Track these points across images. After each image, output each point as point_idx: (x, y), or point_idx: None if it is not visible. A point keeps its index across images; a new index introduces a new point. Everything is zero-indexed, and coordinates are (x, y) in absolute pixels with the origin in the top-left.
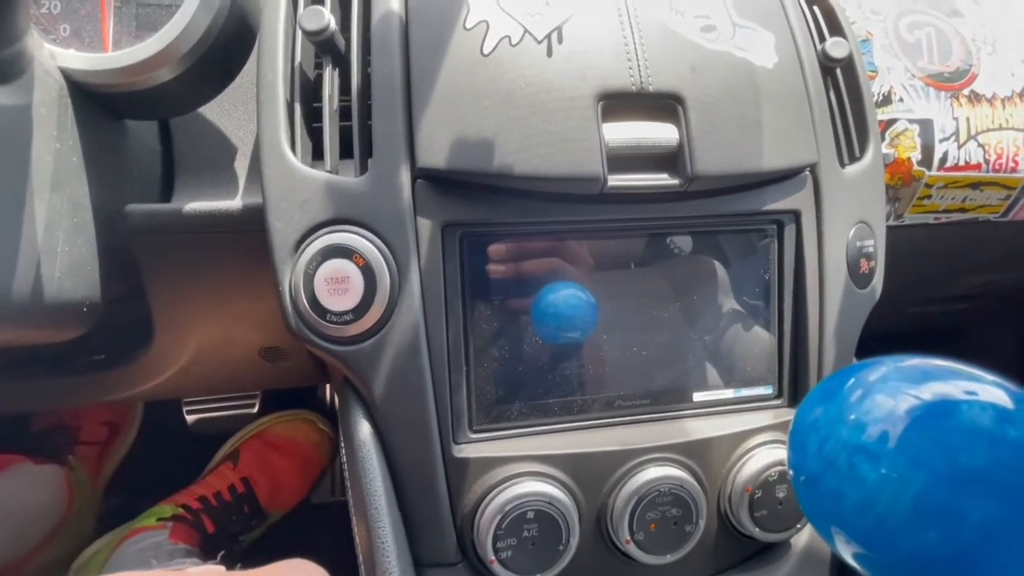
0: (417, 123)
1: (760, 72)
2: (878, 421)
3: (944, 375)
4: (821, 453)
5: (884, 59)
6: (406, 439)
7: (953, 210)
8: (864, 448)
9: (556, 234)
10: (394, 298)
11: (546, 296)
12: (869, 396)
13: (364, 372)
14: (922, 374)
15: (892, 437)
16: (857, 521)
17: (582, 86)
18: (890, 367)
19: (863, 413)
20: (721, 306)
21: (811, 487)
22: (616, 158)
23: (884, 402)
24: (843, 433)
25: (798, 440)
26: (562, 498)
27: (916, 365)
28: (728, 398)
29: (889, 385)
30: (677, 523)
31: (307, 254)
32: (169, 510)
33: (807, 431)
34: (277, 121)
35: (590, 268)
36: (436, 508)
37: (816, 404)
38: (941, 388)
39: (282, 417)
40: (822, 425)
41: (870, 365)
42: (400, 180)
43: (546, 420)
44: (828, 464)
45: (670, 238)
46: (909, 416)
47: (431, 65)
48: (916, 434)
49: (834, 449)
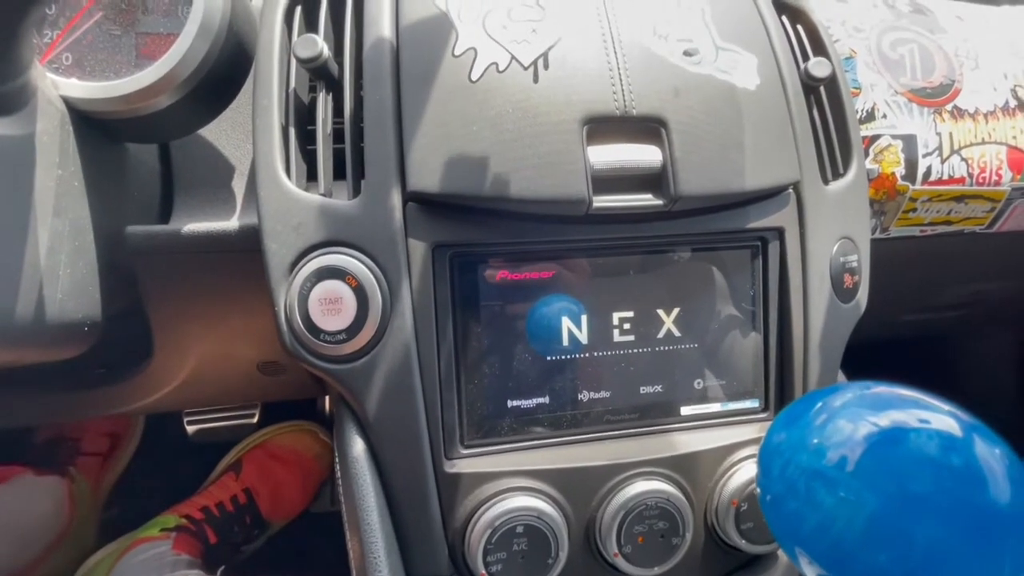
0: (408, 147)
1: (742, 94)
2: (838, 446)
3: (902, 404)
4: (783, 476)
5: (867, 76)
6: (399, 455)
7: (939, 223)
8: (822, 473)
9: (544, 253)
10: (386, 318)
11: (540, 309)
12: (832, 421)
13: (357, 390)
14: (883, 402)
15: (850, 462)
16: (816, 542)
17: (567, 111)
18: (855, 394)
19: (825, 437)
20: (708, 321)
21: (775, 509)
22: (601, 180)
23: (845, 427)
24: (803, 459)
25: (764, 463)
26: (551, 512)
27: (879, 393)
28: (715, 412)
29: (851, 411)
30: (664, 536)
31: (301, 275)
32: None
33: (771, 455)
34: (272, 145)
35: (578, 286)
36: (428, 523)
37: (780, 429)
38: (898, 416)
39: (284, 428)
40: (784, 449)
41: (837, 390)
42: (392, 203)
43: (536, 435)
44: (789, 488)
45: (658, 256)
46: (866, 442)
47: (421, 91)
48: (870, 460)
49: (794, 474)
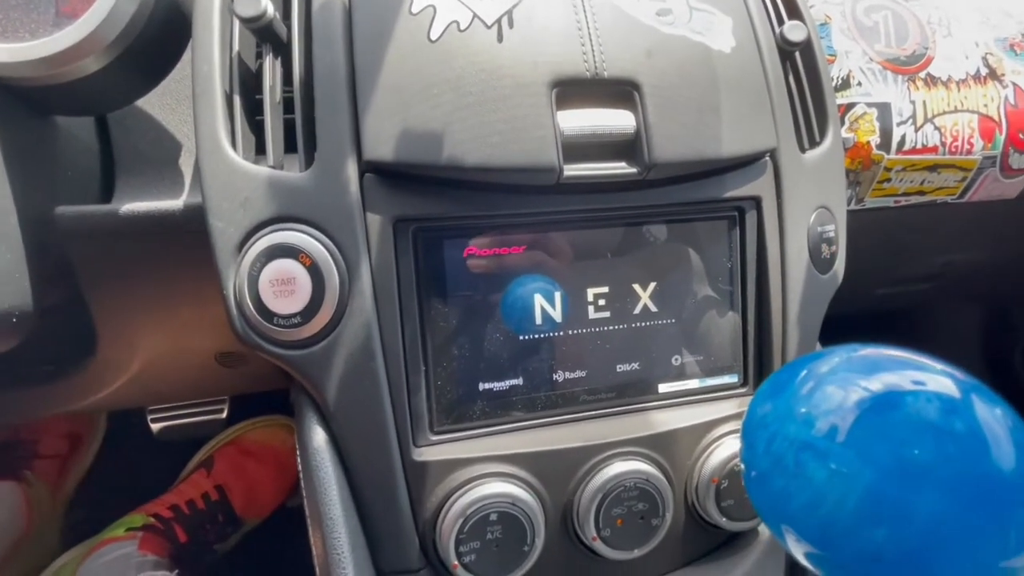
0: (363, 114)
1: (717, 56)
2: (828, 414)
3: (894, 365)
4: (769, 451)
5: (842, 43)
6: (363, 445)
7: (912, 193)
8: (811, 444)
9: (514, 227)
10: (344, 299)
11: (515, 289)
12: (820, 388)
13: (316, 377)
14: (872, 364)
15: (841, 431)
16: (806, 520)
17: (534, 72)
18: (842, 358)
19: (813, 406)
20: (684, 295)
21: (760, 486)
22: (572, 147)
23: (834, 394)
24: (790, 430)
25: (748, 437)
26: (526, 498)
27: (867, 355)
28: (694, 388)
29: (840, 376)
30: (644, 517)
31: (250, 255)
32: (139, 520)
33: (756, 428)
34: (214, 114)
35: (551, 261)
36: (397, 514)
37: (765, 399)
38: (890, 379)
39: (258, 423)
40: (770, 421)
41: (823, 356)
42: (347, 174)
43: (509, 418)
44: (776, 463)
45: (632, 228)
46: (858, 408)
47: (376, 52)
48: (863, 428)
49: (781, 447)
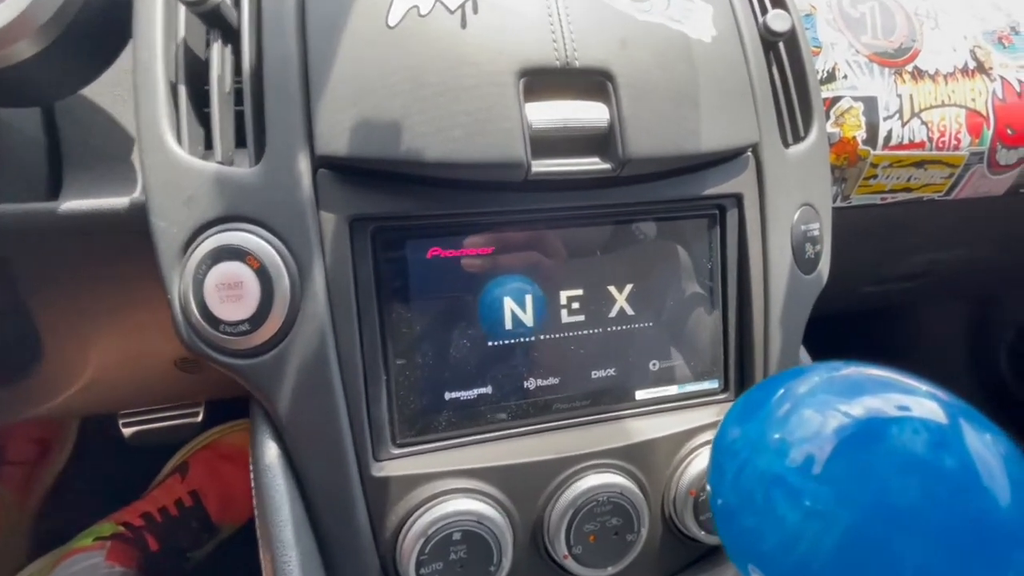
0: (316, 105)
1: (697, 46)
2: (803, 442)
3: (877, 387)
4: (738, 484)
5: (828, 34)
6: (318, 460)
7: (899, 190)
8: (783, 479)
9: (480, 226)
10: (295, 304)
11: (479, 290)
12: (797, 411)
13: (267, 387)
14: (854, 386)
15: (818, 462)
16: (777, 563)
17: (501, 61)
18: (822, 377)
19: (788, 432)
20: (663, 298)
21: (727, 520)
22: (541, 141)
23: (812, 419)
24: (761, 461)
25: (716, 462)
26: (492, 515)
27: (849, 375)
28: (672, 395)
29: (818, 399)
30: (618, 533)
31: (195, 257)
32: (108, 528)
33: (724, 454)
34: (156, 106)
35: (521, 263)
36: (355, 534)
37: (736, 422)
38: (873, 403)
39: (236, 426)
40: (740, 448)
41: (802, 374)
42: (298, 170)
43: (477, 429)
44: (745, 498)
45: (607, 228)
46: (836, 437)
47: (330, 39)
48: (843, 461)
49: (751, 480)
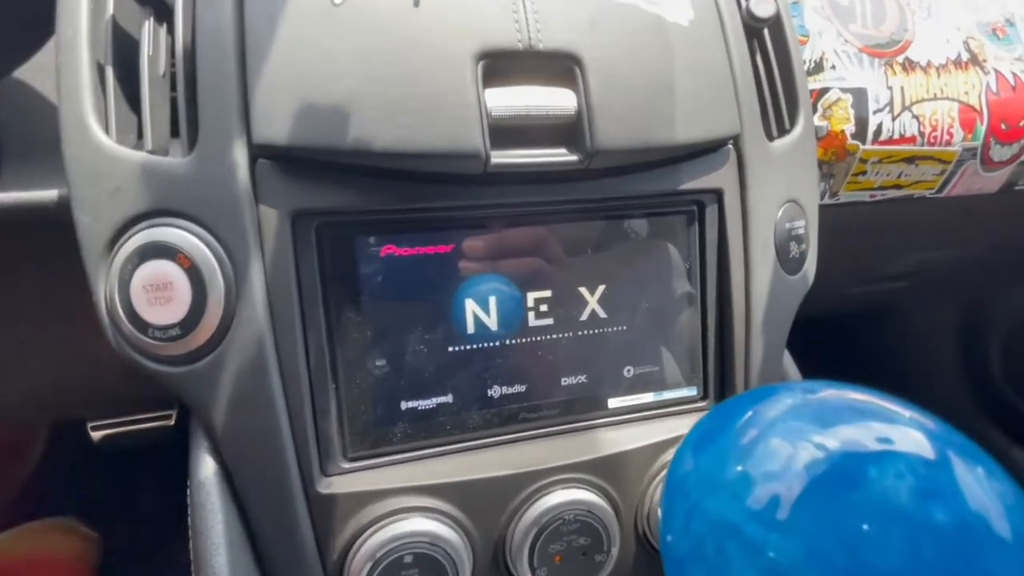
0: (253, 88)
1: (673, 30)
2: (770, 478)
3: (856, 415)
4: (687, 529)
5: (815, 22)
6: (257, 476)
7: (889, 187)
8: (739, 529)
9: (438, 222)
10: (231, 307)
11: (438, 291)
12: (764, 439)
13: (201, 398)
14: (831, 413)
15: (784, 505)
16: None
17: (458, 43)
18: (796, 400)
19: (753, 464)
20: (637, 300)
21: (676, 569)
22: (501, 130)
23: (780, 449)
24: (714, 505)
25: (666, 499)
26: (448, 536)
27: (826, 400)
28: (647, 403)
29: (790, 426)
30: (586, 553)
31: (121, 255)
32: None
33: (674, 492)
34: (80, 89)
35: (484, 262)
36: (299, 557)
37: (690, 451)
38: (850, 434)
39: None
40: (691, 487)
41: (773, 394)
42: (233, 159)
43: (436, 441)
44: (695, 547)
45: (577, 225)
46: (808, 475)
47: (270, 17)
48: (814, 508)
49: (701, 526)
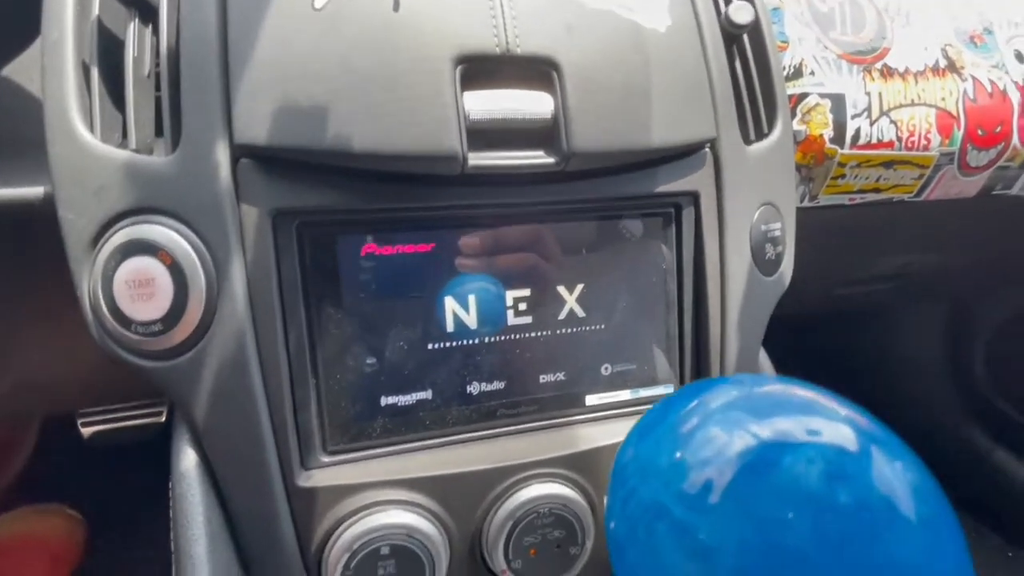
0: (235, 89)
1: (650, 35)
2: (704, 465)
3: (792, 408)
4: (625, 513)
5: (795, 29)
6: (238, 469)
7: (868, 190)
8: (669, 511)
9: (417, 222)
10: (212, 304)
11: (417, 290)
12: (704, 427)
13: (183, 392)
14: (771, 404)
15: (716, 489)
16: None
17: (436, 47)
18: (741, 391)
19: (691, 451)
20: (615, 299)
21: (617, 553)
22: (479, 133)
23: (717, 437)
24: (648, 490)
25: (611, 487)
26: (424, 528)
27: (770, 392)
28: (625, 400)
29: (730, 416)
30: (560, 546)
31: (105, 252)
32: None
33: (616, 477)
34: (65, 88)
35: (464, 261)
36: (278, 548)
37: (633, 441)
38: (784, 425)
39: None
40: (630, 473)
41: (720, 384)
42: (215, 158)
43: (416, 436)
44: (630, 530)
45: (557, 226)
46: (739, 462)
47: (252, 19)
48: (736, 494)
49: (637, 510)
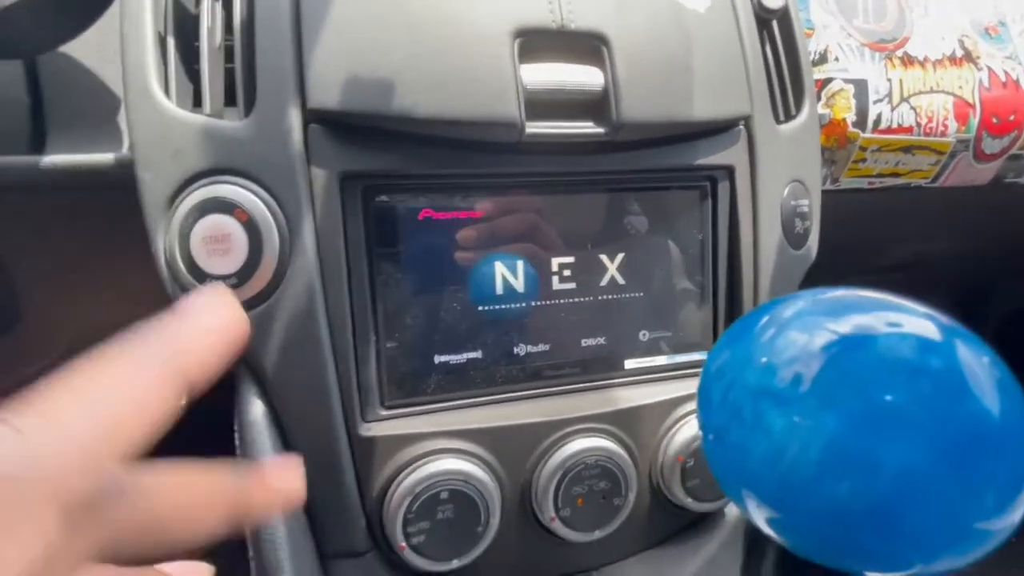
0: (308, 57)
1: (691, 15)
2: (791, 362)
3: (868, 306)
4: (726, 401)
5: (821, 16)
6: (305, 418)
7: (887, 174)
8: (771, 392)
9: (473, 189)
10: (284, 259)
11: (470, 254)
12: (782, 334)
13: (254, 344)
14: (843, 306)
15: (806, 379)
16: (764, 477)
17: (496, 20)
18: (808, 301)
19: (775, 354)
20: (653, 268)
21: (718, 445)
22: (536, 103)
23: (798, 339)
24: (749, 377)
25: (704, 392)
26: (480, 476)
27: (838, 297)
28: (661, 365)
29: (805, 320)
30: (606, 497)
31: (182, 210)
32: None
33: (712, 379)
34: (144, 57)
35: (513, 228)
36: (341, 494)
37: (722, 349)
38: (862, 320)
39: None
40: (728, 370)
41: (785, 300)
42: (289, 123)
43: (467, 393)
44: (733, 414)
45: (601, 195)
46: (825, 354)
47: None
48: (830, 374)
49: (739, 396)
